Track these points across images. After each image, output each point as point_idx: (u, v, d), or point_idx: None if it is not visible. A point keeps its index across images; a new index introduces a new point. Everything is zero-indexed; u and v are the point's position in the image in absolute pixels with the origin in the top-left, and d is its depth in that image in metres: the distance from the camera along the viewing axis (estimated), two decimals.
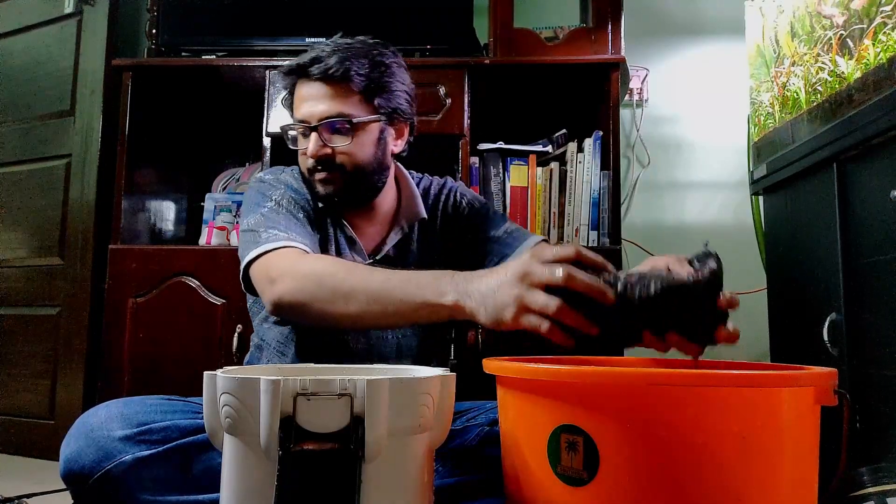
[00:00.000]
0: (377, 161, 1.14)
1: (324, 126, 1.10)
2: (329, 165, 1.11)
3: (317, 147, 1.09)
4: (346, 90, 1.10)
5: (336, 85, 1.09)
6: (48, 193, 2.12)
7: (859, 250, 1.30)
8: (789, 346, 1.64)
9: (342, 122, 1.10)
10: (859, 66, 1.27)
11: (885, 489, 0.89)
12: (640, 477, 0.63)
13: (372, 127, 1.13)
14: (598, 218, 1.81)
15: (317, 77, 1.09)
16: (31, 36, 2.24)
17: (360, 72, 1.10)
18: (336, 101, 1.10)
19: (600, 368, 0.67)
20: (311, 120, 1.10)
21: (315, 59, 1.10)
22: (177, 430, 0.94)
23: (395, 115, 1.16)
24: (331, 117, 1.09)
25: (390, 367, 0.91)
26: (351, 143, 1.10)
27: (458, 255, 1.21)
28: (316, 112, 1.10)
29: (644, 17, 2.32)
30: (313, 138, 1.10)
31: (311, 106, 1.10)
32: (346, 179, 1.12)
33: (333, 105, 1.09)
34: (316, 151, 1.09)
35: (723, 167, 2.30)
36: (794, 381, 0.65)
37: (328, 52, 1.10)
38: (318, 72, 1.09)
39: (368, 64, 1.11)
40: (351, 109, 1.10)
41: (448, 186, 1.29)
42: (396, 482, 0.66)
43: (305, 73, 1.11)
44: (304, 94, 1.11)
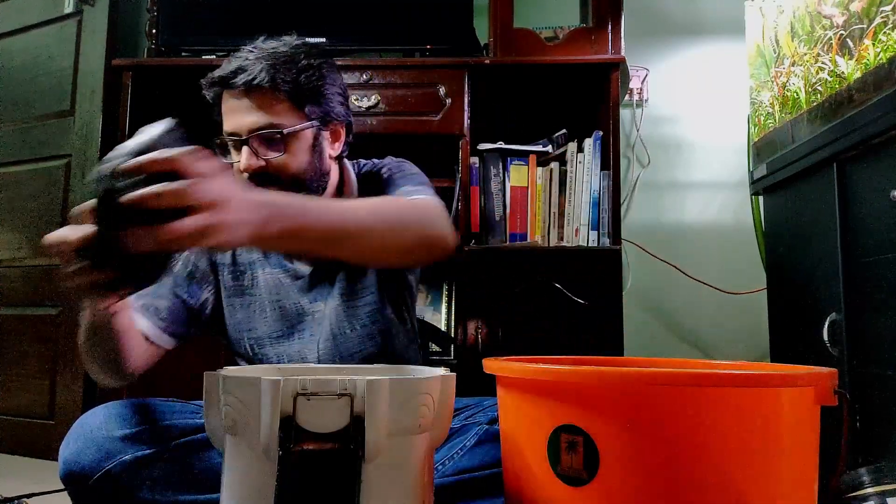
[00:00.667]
0: (314, 168, 1.10)
1: (254, 138, 1.05)
2: (264, 178, 1.05)
3: (249, 161, 1.05)
4: (273, 99, 1.05)
5: (263, 95, 1.05)
6: (48, 193, 2.12)
7: (859, 250, 1.30)
8: (789, 346, 1.64)
9: (273, 134, 1.05)
10: (859, 66, 1.27)
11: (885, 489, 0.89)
12: (640, 477, 0.63)
13: (305, 134, 1.08)
14: (598, 218, 1.81)
15: (242, 88, 1.04)
16: (30, 36, 2.24)
17: (286, 78, 1.05)
18: (264, 111, 1.05)
19: (600, 368, 0.67)
20: (241, 132, 1.05)
21: (239, 69, 1.04)
22: (176, 430, 0.95)
23: (328, 118, 1.12)
24: (260, 129, 1.05)
25: (390, 367, 0.91)
26: (284, 153, 1.06)
27: None
28: (244, 124, 1.05)
29: (644, 17, 2.32)
30: (245, 152, 1.05)
31: (238, 118, 1.06)
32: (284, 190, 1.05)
33: (262, 116, 1.05)
34: (249, 166, 1.05)
35: (723, 167, 2.30)
36: (794, 381, 0.65)
37: (252, 59, 1.05)
38: (242, 82, 1.04)
39: (295, 69, 1.07)
40: (281, 119, 1.06)
41: (378, 163, 1.23)
42: (396, 482, 0.66)
43: (229, 85, 1.05)
44: (231, 106, 1.07)
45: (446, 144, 1.83)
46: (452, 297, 2.08)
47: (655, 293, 2.27)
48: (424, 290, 2.12)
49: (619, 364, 1.00)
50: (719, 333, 2.24)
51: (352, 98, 1.81)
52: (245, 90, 1.05)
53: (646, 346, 2.21)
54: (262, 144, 1.06)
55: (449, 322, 2.07)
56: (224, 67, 1.06)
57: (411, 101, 1.82)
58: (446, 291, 2.11)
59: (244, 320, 1.16)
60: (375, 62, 1.87)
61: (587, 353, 0.95)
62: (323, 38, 1.93)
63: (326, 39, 1.93)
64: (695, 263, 2.23)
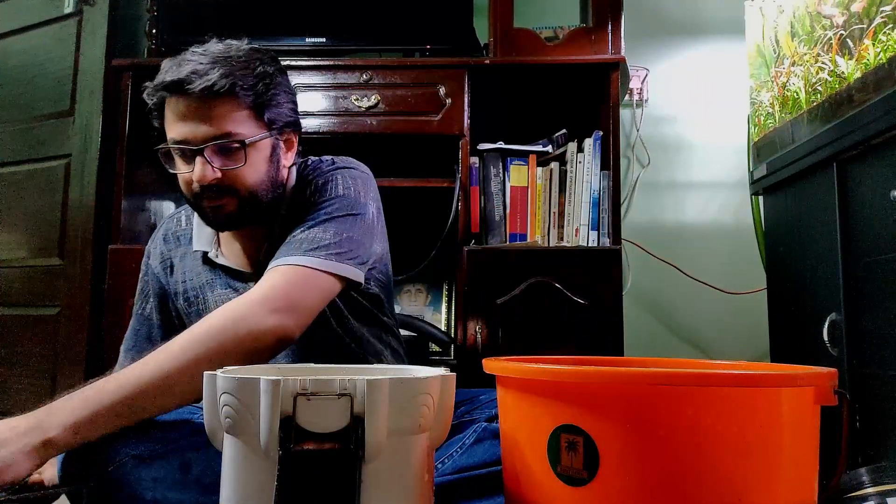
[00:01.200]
0: (271, 179, 1.06)
1: (210, 148, 0.99)
2: (219, 190, 1.01)
3: (205, 173, 0.99)
4: (232, 107, 0.99)
5: (221, 101, 0.98)
6: (47, 194, 2.12)
7: (859, 250, 1.30)
8: (789, 346, 1.64)
9: (230, 143, 0.99)
10: (859, 66, 1.27)
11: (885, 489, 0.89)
12: (640, 477, 0.63)
13: (264, 144, 1.04)
14: (598, 218, 1.81)
15: (196, 93, 0.97)
16: (30, 36, 2.23)
17: (244, 85, 0.99)
18: (223, 119, 0.99)
19: (600, 368, 0.67)
20: (194, 141, 0.99)
21: (193, 74, 0.97)
22: (175, 430, 0.94)
23: (284, 127, 1.07)
24: (217, 138, 0.99)
25: (390, 367, 0.91)
26: (243, 164, 1.01)
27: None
28: (199, 133, 0.98)
29: (644, 17, 2.32)
30: (199, 162, 0.99)
31: (192, 126, 0.98)
32: (240, 203, 1.03)
33: (220, 124, 0.99)
34: (205, 177, 0.99)
35: (723, 167, 2.30)
36: (794, 381, 0.65)
37: (206, 63, 0.98)
38: (199, 88, 0.96)
39: (252, 76, 1.01)
40: (241, 128, 1.00)
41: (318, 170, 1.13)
42: (396, 482, 0.66)
43: (183, 90, 0.98)
44: (182, 112, 0.99)
45: (446, 144, 1.83)
46: (452, 297, 2.09)
47: (655, 293, 2.27)
48: (424, 290, 2.12)
49: (619, 364, 1.00)
50: (719, 333, 2.24)
51: (352, 98, 1.82)
52: (201, 96, 0.98)
53: (646, 346, 2.21)
54: (217, 155, 1.00)
55: (449, 322, 2.08)
56: (173, 70, 0.99)
57: (411, 101, 1.82)
58: (446, 291, 2.11)
59: None
60: (375, 62, 1.87)
61: (587, 353, 0.95)
62: (323, 38, 1.93)
63: (326, 39, 1.93)
64: (695, 263, 2.23)
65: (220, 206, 1.03)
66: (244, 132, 1.01)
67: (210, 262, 1.14)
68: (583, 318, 1.70)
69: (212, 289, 1.13)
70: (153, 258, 1.21)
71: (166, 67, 1.01)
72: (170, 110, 1.01)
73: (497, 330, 1.72)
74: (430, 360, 1.79)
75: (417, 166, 1.87)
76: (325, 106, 1.82)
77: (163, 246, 1.20)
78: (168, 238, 1.20)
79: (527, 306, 1.72)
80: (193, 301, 1.15)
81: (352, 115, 1.82)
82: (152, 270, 1.20)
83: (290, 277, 0.96)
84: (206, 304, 1.14)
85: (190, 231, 1.17)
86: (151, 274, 1.20)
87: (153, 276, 1.20)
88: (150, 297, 1.20)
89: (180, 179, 1.04)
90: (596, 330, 1.70)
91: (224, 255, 1.14)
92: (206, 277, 1.14)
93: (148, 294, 1.20)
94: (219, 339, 0.88)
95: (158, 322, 1.19)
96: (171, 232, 1.21)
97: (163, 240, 1.21)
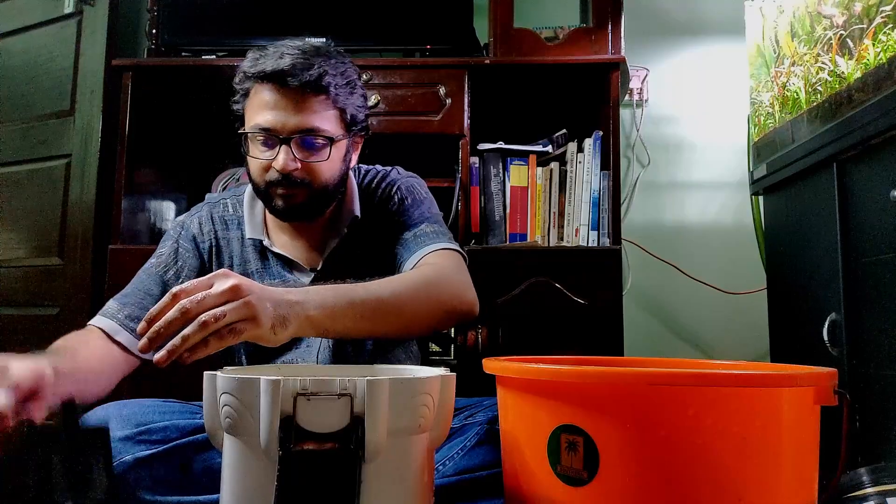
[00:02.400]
0: (340, 177, 1.10)
1: (297, 139, 1.03)
2: (294, 181, 1.05)
3: (287, 162, 1.03)
4: (323, 104, 1.03)
5: (314, 97, 1.03)
6: (48, 193, 2.12)
7: (859, 250, 1.30)
8: (789, 346, 1.65)
9: (319, 138, 1.04)
10: (859, 66, 1.27)
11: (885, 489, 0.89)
12: (640, 477, 0.63)
13: (343, 143, 1.08)
14: (598, 218, 1.81)
15: (295, 86, 1.01)
16: (30, 36, 2.23)
17: (336, 84, 1.04)
18: (313, 114, 1.03)
19: (600, 368, 0.67)
20: (282, 131, 1.03)
21: (295, 67, 1.01)
22: (176, 430, 0.94)
23: (360, 130, 1.12)
24: (305, 131, 1.03)
25: (390, 367, 0.91)
26: (326, 159, 1.05)
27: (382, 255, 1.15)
28: (289, 124, 1.02)
29: (644, 17, 2.32)
30: (283, 151, 1.03)
31: (282, 116, 1.02)
32: (310, 195, 1.07)
33: (309, 118, 1.03)
34: (287, 167, 1.03)
35: (723, 167, 2.30)
36: (794, 381, 0.65)
37: (304, 58, 1.02)
38: (298, 81, 1.01)
39: (343, 77, 1.05)
40: (327, 125, 1.04)
41: (388, 179, 1.21)
42: (396, 482, 0.66)
43: (283, 81, 1.01)
44: (272, 101, 1.03)
45: (446, 144, 1.83)
46: None
47: (655, 293, 2.27)
48: None
49: (619, 364, 1.00)
50: (719, 333, 2.24)
51: None
52: (298, 89, 1.02)
53: (646, 346, 2.21)
54: (300, 147, 1.04)
55: None
56: (272, 60, 1.02)
57: (411, 101, 1.82)
58: None
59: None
60: (375, 62, 1.87)
61: (587, 353, 0.95)
62: (323, 38, 1.92)
63: (326, 39, 1.92)
64: (695, 263, 2.23)
65: (291, 196, 1.06)
66: (330, 129, 1.05)
67: (263, 252, 1.15)
68: (583, 318, 1.70)
69: (261, 278, 1.14)
70: (199, 231, 1.18)
71: (258, 56, 1.04)
72: (259, 97, 1.04)
73: (497, 330, 1.72)
74: (430, 360, 1.78)
75: (417, 166, 1.86)
76: None
77: (210, 225, 1.18)
78: (216, 219, 1.19)
79: (527, 306, 1.72)
80: None
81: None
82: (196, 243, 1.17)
83: (458, 259, 1.09)
84: None
85: (237, 218, 1.18)
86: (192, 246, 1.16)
87: (195, 248, 1.16)
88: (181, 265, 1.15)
89: (255, 165, 1.07)
90: (596, 330, 1.70)
91: (277, 245, 1.15)
92: (255, 266, 1.15)
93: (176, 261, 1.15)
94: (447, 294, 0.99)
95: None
96: (217, 215, 1.19)
97: (210, 219, 1.19)
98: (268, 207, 1.12)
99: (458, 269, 1.06)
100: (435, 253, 1.08)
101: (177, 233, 1.18)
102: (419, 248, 1.09)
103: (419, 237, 1.10)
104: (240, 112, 1.09)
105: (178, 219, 1.21)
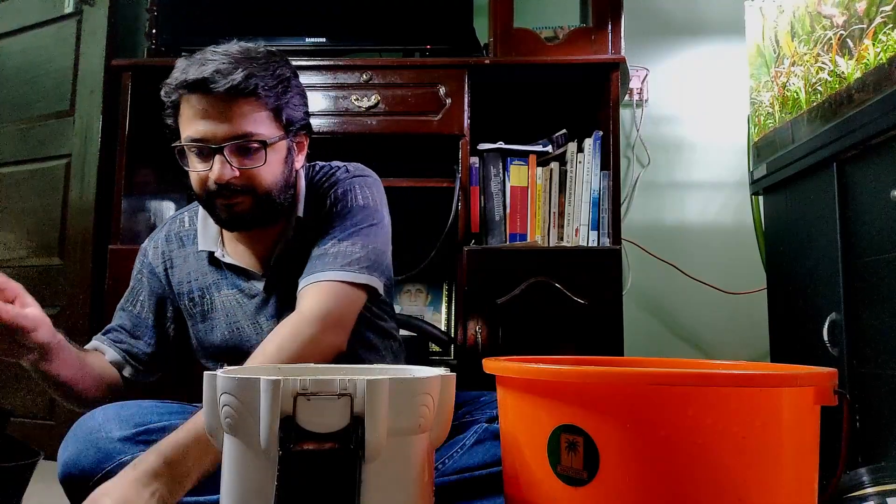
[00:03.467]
0: (285, 181, 1.07)
1: (230, 147, 1.00)
2: (234, 190, 1.02)
3: (223, 171, 1.00)
4: (253, 107, 1.00)
5: (242, 101, 0.99)
6: (48, 193, 2.12)
7: (859, 250, 1.30)
8: (789, 346, 1.64)
9: (252, 143, 1.01)
10: (859, 66, 1.27)
11: (885, 489, 0.89)
12: (640, 477, 0.63)
13: (281, 145, 1.05)
14: (598, 218, 1.81)
15: (220, 92, 0.98)
16: (30, 36, 2.23)
17: (266, 87, 1.01)
18: (244, 119, 1.00)
19: (600, 368, 0.67)
20: (213, 140, 1.00)
21: (218, 73, 0.98)
22: None
23: (299, 130, 1.09)
24: (238, 137, 1.00)
25: (390, 367, 0.91)
26: (263, 164, 1.02)
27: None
28: (220, 132, 0.99)
29: (644, 17, 2.32)
30: (217, 161, 1.00)
31: (212, 125, 0.99)
32: (254, 202, 1.04)
33: (240, 123, 1.00)
34: (223, 176, 1.00)
35: (723, 167, 2.30)
36: (794, 381, 0.65)
37: (229, 63, 0.99)
38: (223, 87, 0.97)
39: (272, 77, 1.03)
40: (261, 129, 1.01)
41: (333, 178, 1.16)
42: (396, 482, 0.66)
43: (207, 89, 0.98)
44: (203, 110, 1.00)
45: (446, 144, 1.83)
46: (452, 297, 2.09)
47: (655, 293, 2.27)
48: (424, 290, 2.12)
49: (619, 364, 1.00)
50: (719, 333, 2.24)
51: (352, 98, 1.82)
52: (223, 95, 0.98)
53: (646, 346, 2.21)
54: (236, 154, 1.01)
55: (449, 322, 2.08)
56: (195, 69, 0.99)
57: (411, 101, 1.82)
58: (446, 291, 2.11)
59: (206, 343, 1.15)
60: (375, 62, 1.87)
61: (587, 353, 0.95)
62: (323, 38, 1.93)
63: (326, 39, 1.93)
64: (695, 263, 2.23)
65: (234, 205, 1.04)
66: (264, 133, 1.02)
67: (216, 263, 1.14)
68: (583, 318, 1.70)
69: (218, 289, 1.13)
70: (153, 257, 1.20)
71: (184, 66, 1.01)
72: (188, 108, 1.02)
73: (497, 330, 1.72)
74: (430, 360, 1.79)
75: (417, 166, 1.87)
76: (325, 106, 1.82)
77: (165, 246, 1.20)
78: (171, 238, 1.20)
79: (527, 306, 1.72)
80: (198, 301, 1.15)
81: (352, 115, 1.82)
82: (151, 269, 1.19)
83: (336, 294, 1.01)
84: (213, 303, 1.14)
85: (193, 232, 1.18)
86: (149, 272, 1.19)
87: (151, 274, 1.19)
88: (144, 296, 1.18)
89: (194, 177, 1.05)
90: (596, 330, 1.70)
91: (230, 255, 1.14)
92: (212, 278, 1.14)
93: (140, 293, 1.18)
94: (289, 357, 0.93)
95: (152, 322, 1.17)
96: (174, 233, 1.20)
97: (165, 240, 1.20)
98: (214, 219, 1.10)
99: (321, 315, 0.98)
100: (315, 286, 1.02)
101: (140, 262, 1.22)
102: (308, 275, 1.04)
103: (316, 259, 1.05)
104: (173, 126, 1.06)
105: (143, 245, 1.23)
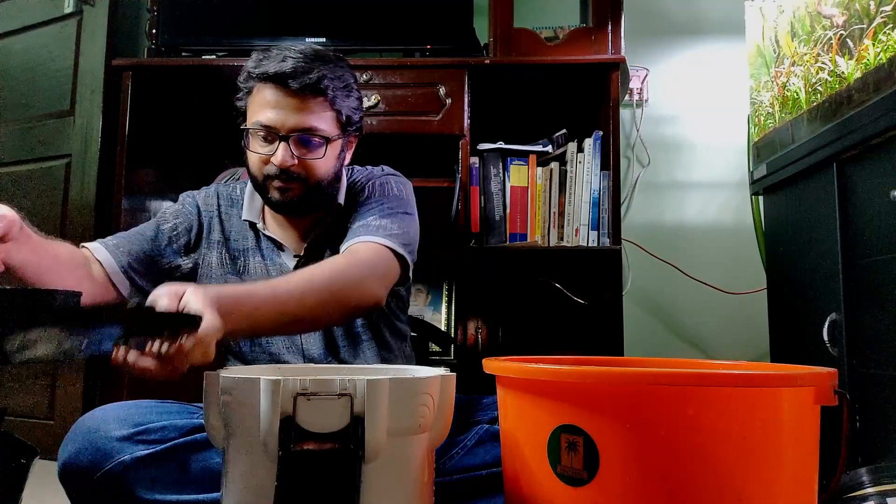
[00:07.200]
0: (335, 175, 1.16)
1: (295, 137, 1.09)
2: (291, 176, 1.11)
3: (286, 158, 1.09)
4: (321, 105, 1.10)
5: (312, 98, 1.09)
6: (48, 193, 2.12)
7: (859, 250, 1.30)
8: (789, 346, 1.65)
9: (315, 137, 1.10)
10: (859, 66, 1.27)
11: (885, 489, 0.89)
12: (639, 477, 0.63)
13: (338, 142, 1.14)
14: (598, 218, 1.81)
15: (295, 88, 1.07)
16: (30, 36, 2.23)
17: (334, 87, 1.10)
18: (311, 114, 1.09)
19: (600, 368, 0.67)
20: (281, 129, 1.09)
21: (298, 69, 1.07)
22: (174, 430, 0.95)
23: (354, 131, 1.18)
24: (304, 130, 1.09)
25: (390, 367, 0.91)
26: (322, 157, 1.11)
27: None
28: (288, 123, 1.08)
29: (644, 17, 2.32)
30: (282, 148, 1.09)
31: (282, 115, 1.08)
32: (306, 191, 1.13)
33: (307, 118, 1.09)
34: (284, 162, 1.09)
35: (723, 167, 2.30)
36: (794, 381, 0.65)
37: (305, 62, 1.08)
38: (298, 84, 1.07)
39: (339, 80, 1.12)
40: (325, 125, 1.11)
41: (370, 174, 1.27)
42: (396, 482, 0.66)
43: (284, 83, 1.08)
44: (273, 100, 1.09)
45: (446, 144, 1.83)
46: (452, 297, 2.08)
47: (655, 293, 2.27)
48: (424, 290, 2.12)
49: (619, 364, 1.00)
50: (719, 333, 2.24)
51: None
52: (298, 91, 1.07)
53: (646, 346, 2.21)
54: (298, 145, 1.10)
55: (449, 322, 2.07)
56: (275, 63, 1.08)
57: (411, 101, 1.82)
58: (446, 291, 2.11)
59: None
60: (375, 62, 1.87)
61: (587, 353, 0.95)
62: (323, 38, 1.93)
63: (326, 39, 1.93)
64: (695, 263, 2.23)
65: (287, 190, 1.12)
66: (326, 129, 1.11)
67: (256, 233, 1.21)
68: (583, 318, 1.70)
69: (253, 255, 1.20)
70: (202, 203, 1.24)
71: (262, 57, 1.10)
72: (261, 96, 1.10)
73: (497, 330, 1.72)
74: (430, 360, 1.78)
75: (417, 166, 1.86)
76: None
77: (216, 200, 1.25)
78: (222, 195, 1.26)
79: (527, 306, 1.72)
80: (237, 258, 1.20)
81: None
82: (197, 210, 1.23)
83: (382, 254, 1.09)
84: (247, 266, 1.19)
85: (241, 200, 1.24)
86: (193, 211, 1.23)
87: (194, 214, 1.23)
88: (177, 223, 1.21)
89: (254, 158, 1.13)
90: (596, 330, 1.70)
91: (269, 230, 1.21)
92: (250, 243, 1.20)
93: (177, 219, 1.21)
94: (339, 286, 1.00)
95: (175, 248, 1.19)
96: (225, 193, 1.26)
97: (216, 195, 1.26)
98: (264, 200, 1.17)
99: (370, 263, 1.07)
100: (363, 244, 1.10)
101: (184, 198, 1.26)
102: (352, 238, 1.12)
103: (360, 228, 1.14)
104: (242, 108, 1.15)
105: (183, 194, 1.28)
